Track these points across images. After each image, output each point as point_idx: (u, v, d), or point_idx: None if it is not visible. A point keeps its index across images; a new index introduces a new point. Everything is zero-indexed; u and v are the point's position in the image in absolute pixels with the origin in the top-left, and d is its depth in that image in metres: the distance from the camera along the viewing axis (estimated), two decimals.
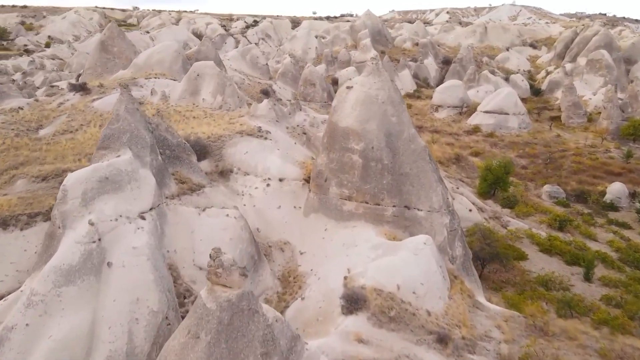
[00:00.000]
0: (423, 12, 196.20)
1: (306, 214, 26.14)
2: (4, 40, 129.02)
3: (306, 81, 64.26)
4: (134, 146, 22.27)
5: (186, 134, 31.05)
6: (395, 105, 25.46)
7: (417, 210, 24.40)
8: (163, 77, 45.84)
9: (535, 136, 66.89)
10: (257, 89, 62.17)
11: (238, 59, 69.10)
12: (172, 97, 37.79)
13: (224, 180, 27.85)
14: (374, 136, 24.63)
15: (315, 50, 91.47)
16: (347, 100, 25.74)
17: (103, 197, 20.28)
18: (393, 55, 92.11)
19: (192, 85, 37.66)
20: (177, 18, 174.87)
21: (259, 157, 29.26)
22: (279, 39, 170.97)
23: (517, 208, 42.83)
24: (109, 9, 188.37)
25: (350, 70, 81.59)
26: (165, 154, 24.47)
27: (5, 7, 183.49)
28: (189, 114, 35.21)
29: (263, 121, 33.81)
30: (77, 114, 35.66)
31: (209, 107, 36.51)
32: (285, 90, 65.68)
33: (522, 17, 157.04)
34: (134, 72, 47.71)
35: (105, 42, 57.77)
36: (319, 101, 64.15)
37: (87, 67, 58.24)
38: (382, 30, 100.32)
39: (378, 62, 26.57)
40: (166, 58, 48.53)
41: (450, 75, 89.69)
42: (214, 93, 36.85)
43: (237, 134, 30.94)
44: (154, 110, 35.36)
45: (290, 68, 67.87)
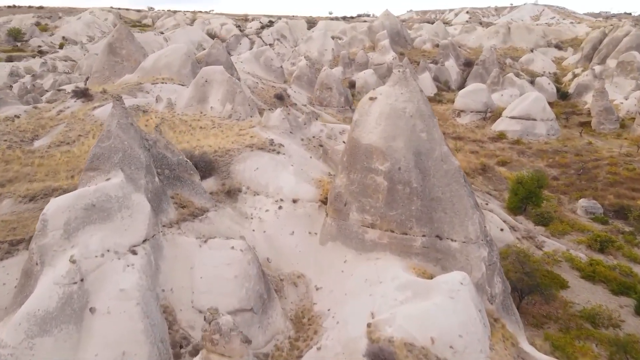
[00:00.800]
0: (442, 12, 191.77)
1: (323, 242, 23.08)
2: (18, 41, 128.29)
3: (322, 85, 61.23)
4: (127, 167, 19.45)
5: (191, 147, 28.24)
6: (425, 119, 22.27)
7: (450, 240, 21.19)
8: (171, 82, 43.19)
9: (565, 143, 63.00)
10: (271, 93, 59.38)
11: (251, 61, 66.34)
12: (179, 105, 35.04)
13: (231, 201, 24.93)
14: (401, 155, 21.48)
15: (331, 52, 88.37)
16: (370, 114, 22.62)
17: (89, 228, 17.52)
18: (412, 57, 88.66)
19: (199, 91, 34.88)
20: (191, 18, 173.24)
21: (270, 175, 26.30)
22: (294, 39, 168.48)
23: (551, 226, 39.26)
24: (124, 10, 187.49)
25: (368, 73, 78.40)
26: (164, 175, 21.63)
27: (22, 8, 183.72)
28: (195, 123, 32.41)
29: (276, 132, 30.86)
30: (76, 123, 33.11)
31: (217, 116, 33.69)
32: (300, 95, 62.75)
33: (545, 17, 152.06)
34: (140, 76, 45.15)
35: (114, 45, 55.44)
36: (336, 106, 61.11)
37: (95, 70, 55.97)
38: (401, 31, 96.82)
39: (405, 69, 23.40)
40: (175, 61, 45.90)
41: (472, 78, 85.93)
42: (223, 101, 34.02)
43: (247, 148, 28.02)
44: (158, 120, 32.68)
45: (306, 71, 64.91)
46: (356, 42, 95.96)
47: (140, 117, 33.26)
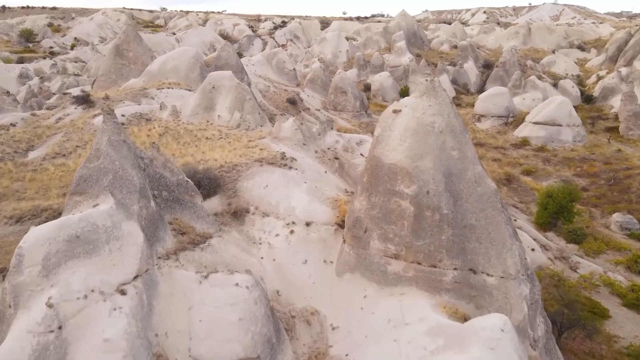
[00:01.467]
0: (458, 12, 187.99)
1: (340, 273, 20.51)
2: (30, 42, 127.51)
3: (337, 89, 58.65)
4: (118, 191, 17.07)
5: (195, 161, 25.86)
6: (456, 135, 19.60)
7: (486, 275, 18.50)
8: (177, 87, 40.91)
9: (593, 151, 59.69)
10: (283, 97, 56.94)
11: (263, 63, 63.98)
12: (184, 113, 32.71)
13: (238, 223, 22.48)
14: (430, 177, 18.83)
15: (346, 54, 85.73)
16: (393, 129, 20.00)
17: (71, 263, 15.18)
18: (429, 59, 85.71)
19: (206, 98, 32.51)
20: (204, 19, 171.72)
21: (281, 193, 23.79)
22: (307, 40, 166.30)
23: (585, 244, 36.29)
24: (137, 10, 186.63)
25: (384, 75, 75.64)
26: (162, 197, 19.22)
27: (35, 9, 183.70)
28: (201, 133, 30.03)
29: (287, 144, 28.36)
30: (75, 132, 30.94)
31: (224, 126, 31.29)
32: (313, 99, 60.24)
33: (565, 17, 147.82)
34: (146, 80, 42.97)
35: (120, 47, 53.42)
36: (351, 111, 58.49)
37: (101, 73, 54.03)
38: (417, 32, 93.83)
39: (434, 78, 20.74)
40: (182, 65, 43.65)
41: (492, 81, 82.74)
42: (231, 109, 31.61)
43: (256, 162, 25.54)
44: (161, 129, 30.38)
45: (320, 74, 62.37)
46: (371, 43, 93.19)
47: (142, 126, 31.00)
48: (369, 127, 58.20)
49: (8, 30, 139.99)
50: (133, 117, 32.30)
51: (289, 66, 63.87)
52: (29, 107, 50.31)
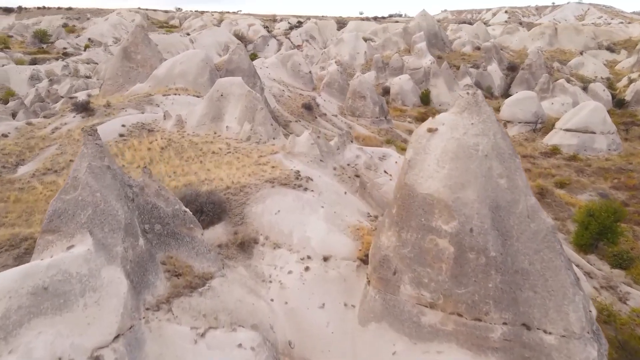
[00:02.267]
0: (478, 12, 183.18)
1: (363, 322, 17.35)
2: (44, 43, 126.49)
3: (355, 93, 55.46)
4: (99, 229, 14.15)
5: (198, 181, 22.94)
6: (504, 159, 16.34)
7: (543, 332, 15.21)
8: (185, 93, 38.13)
9: (630, 160, 55.63)
10: (298, 102, 53.98)
11: (277, 66, 61.06)
12: (190, 123, 29.84)
13: (245, 256, 19.46)
14: (474, 211, 15.61)
15: (364, 55, 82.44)
16: (429, 151, 16.78)
17: (36, 322, 12.34)
18: (451, 61, 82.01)
19: (214, 107, 29.60)
20: (219, 19, 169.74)
21: (295, 220, 20.73)
22: (323, 40, 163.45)
23: (632, 269, 32.58)
24: (152, 11, 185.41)
25: (404, 78, 72.22)
26: (154, 232, 16.26)
27: (51, 9, 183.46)
28: (207, 147, 27.10)
29: (303, 161, 25.30)
30: (70, 144, 28.24)
31: (233, 138, 28.32)
32: (330, 104, 57.14)
33: (590, 17, 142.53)
34: (152, 86, 40.28)
35: (128, 49, 50.88)
36: (370, 116, 55.27)
37: (108, 77, 51.56)
38: (438, 33, 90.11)
39: (476, 92, 17.47)
40: (190, 69, 40.86)
41: (518, 84, 78.81)
42: (241, 119, 28.64)
43: (267, 183, 22.51)
44: (164, 141, 27.52)
45: (337, 77, 59.23)
46: (390, 44, 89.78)
47: (144, 139, 28.18)
48: (388, 134, 54.98)
49: (23, 31, 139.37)
50: (134, 127, 29.52)
51: (304, 69, 60.85)
52: (32, 113, 48.03)
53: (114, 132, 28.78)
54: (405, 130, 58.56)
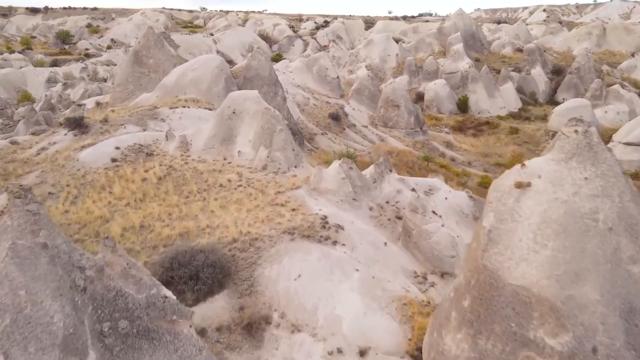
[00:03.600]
0: (514, 11, 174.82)
1: None
2: (67, 44, 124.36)
3: (388, 102, 49.98)
4: (19, 348, 9.22)
5: (197, 229, 17.98)
6: (638, 234, 10.87)
7: None
8: (195, 105, 33.35)
9: None
10: (325, 111, 48.82)
11: (302, 70, 55.99)
12: (196, 145, 24.95)
13: (253, 344, 14.36)
14: (597, 318, 10.17)
15: (395, 58, 76.72)
16: (519, 218, 11.37)
17: None
18: (490, 64, 75.63)
19: (224, 127, 24.63)
20: (244, 19, 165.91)
21: (321, 290, 15.54)
22: (350, 41, 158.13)
23: None
24: (176, 10, 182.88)
25: (439, 83, 66.29)
26: (117, 333, 11.27)
27: (77, 9, 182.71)
28: (213, 178, 22.15)
29: (331, 200, 20.12)
30: (53, 171, 23.64)
31: (246, 166, 23.29)
32: (360, 113, 51.78)
33: (636, 15, 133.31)
34: (160, 96, 35.66)
35: (140, 53, 46.47)
36: (404, 128, 49.72)
37: (117, 83, 47.26)
38: (476, 34, 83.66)
39: (589, 129, 11.99)
40: (204, 77, 36.10)
41: (565, 90, 71.98)
42: (256, 142, 23.60)
43: (285, 234, 17.37)
44: (162, 170, 22.70)
45: (367, 83, 53.82)
46: (423, 46, 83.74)
47: (139, 165, 23.39)
48: (425, 147, 49.34)
49: (46, 32, 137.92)
50: (130, 150, 24.78)
51: (331, 74, 55.61)
52: (34, 123, 44.06)
53: (105, 157, 24.09)
54: (442, 142, 52.79)
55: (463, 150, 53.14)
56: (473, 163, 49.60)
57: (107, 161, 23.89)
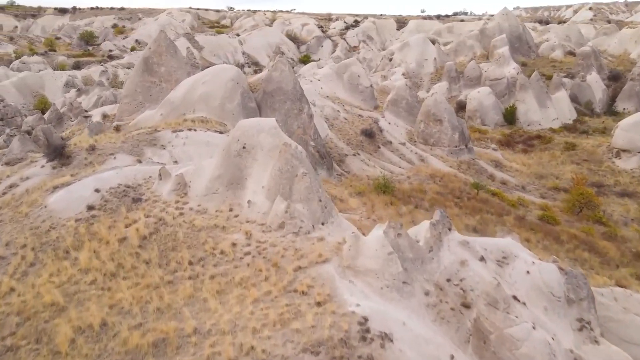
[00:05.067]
0: (557, 9, 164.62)
1: None
2: (90, 45, 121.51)
3: (428, 115, 43.73)
4: None
5: (179, 340, 12.38)
6: None
7: None
8: (204, 126, 27.91)
9: None
10: (357, 126, 42.94)
11: (332, 78, 50.15)
12: (195, 188, 19.43)
13: None
14: None
15: (433, 63, 69.96)
16: None
17: None
18: (538, 69, 68.28)
19: (231, 167, 19.02)
20: (271, 19, 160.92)
21: None
22: (382, 41, 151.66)
23: None
24: (203, 10, 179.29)
25: (483, 91, 59.49)
26: None
27: (104, 10, 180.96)
28: (213, 240, 16.56)
29: (373, 286, 14.27)
30: (13, 222, 18.46)
31: (258, 222, 17.61)
32: (396, 127, 45.64)
33: None
34: (164, 114, 30.38)
35: (150, 60, 41.51)
36: (447, 145, 43.41)
37: (125, 94, 42.41)
38: (523, 35, 76.08)
39: None
40: (216, 91, 30.66)
41: (625, 98, 64.15)
42: (272, 190, 17.92)
43: (307, 355, 11.60)
44: (149, 226, 17.28)
45: (405, 94, 47.61)
46: (464, 49, 76.63)
47: (120, 217, 17.99)
48: (471, 168, 42.93)
49: (71, 33, 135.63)
50: (113, 194, 19.43)
51: (364, 82, 49.60)
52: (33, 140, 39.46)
53: (80, 203, 18.79)
54: (490, 162, 46.22)
55: (514, 170, 46.44)
56: (527, 187, 42.91)
57: (82, 209, 18.56)
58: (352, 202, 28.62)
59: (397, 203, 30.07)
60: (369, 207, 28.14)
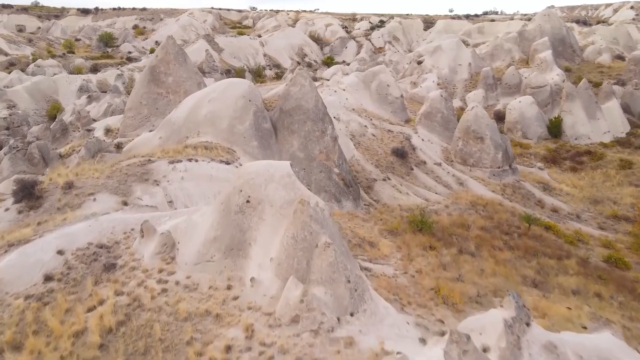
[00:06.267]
0: (595, 8, 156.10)
1: None
2: (109, 47, 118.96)
3: (468, 132, 38.53)
4: None
5: None
6: None
7: None
8: (208, 154, 23.40)
9: None
10: (386, 143, 38.06)
11: (358, 87, 45.29)
12: (185, 252, 14.89)
13: None
14: None
15: (468, 68, 64.41)
16: None
17: None
18: (586, 75, 62.12)
19: (231, 227, 14.42)
20: (294, 19, 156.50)
21: None
22: (408, 42, 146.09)
23: None
24: (225, 10, 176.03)
25: (525, 101, 53.82)
26: None
27: (126, 10, 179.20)
28: (201, 339, 11.98)
29: None
30: None
31: (263, 308, 12.95)
32: (431, 145, 40.54)
33: None
34: (164, 137, 26.01)
35: (157, 69, 37.38)
36: (489, 166, 38.18)
37: (129, 106, 38.36)
38: (566, 38, 69.74)
39: None
40: (224, 110, 26.15)
41: None
42: (283, 265, 13.24)
43: None
44: (119, 308, 12.77)
45: (440, 106, 42.45)
46: (501, 53, 70.67)
47: (84, 294, 13.61)
48: (516, 193, 37.60)
49: (91, 34, 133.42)
50: (80, 258, 15.07)
51: (394, 92, 44.61)
52: (28, 159, 35.77)
53: (37, 270, 14.49)
54: (537, 184, 40.77)
55: (564, 194, 40.88)
56: (582, 215, 37.36)
57: (37, 280, 14.23)
58: (384, 246, 23.82)
59: (436, 245, 25.11)
60: (405, 254, 23.28)
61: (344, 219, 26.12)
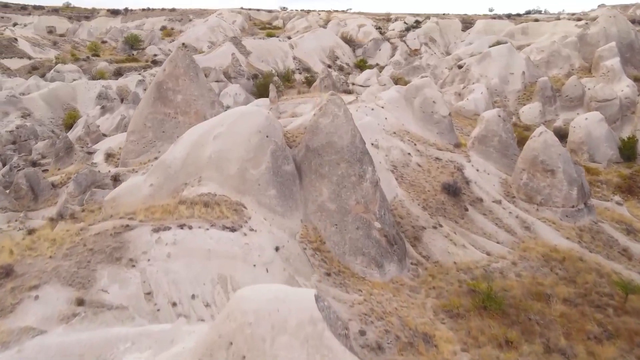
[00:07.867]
0: None
1: None
2: (135, 49, 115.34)
3: (534, 164, 31.62)
4: None
5: None
6: None
7: None
8: (206, 216, 17.43)
9: None
10: (435, 176, 31.57)
11: (398, 104, 38.76)
12: None
13: None
14: None
15: (521, 78, 56.84)
16: None
17: None
18: None
19: None
20: (325, 19, 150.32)
21: None
22: (445, 44, 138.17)
23: None
24: (255, 11, 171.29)
25: (593, 118, 46.22)
26: None
27: (155, 11, 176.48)
28: None
29: None
30: None
31: None
32: (487, 176, 33.74)
33: None
34: (156, 185, 20.19)
35: (164, 85, 31.89)
36: (561, 205, 31.20)
37: (131, 129, 32.97)
38: (635, 43, 61.44)
39: None
40: (234, 150, 20.18)
41: None
42: None
43: None
44: None
45: (497, 128, 35.61)
46: (558, 60, 62.72)
47: None
48: (595, 239, 30.48)
49: (118, 36, 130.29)
50: None
51: (441, 110, 37.94)
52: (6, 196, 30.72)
53: None
54: (617, 224, 33.45)
55: None
56: None
57: None
58: (444, 341, 17.46)
59: (514, 338, 18.56)
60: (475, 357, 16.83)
61: (387, 294, 19.84)
